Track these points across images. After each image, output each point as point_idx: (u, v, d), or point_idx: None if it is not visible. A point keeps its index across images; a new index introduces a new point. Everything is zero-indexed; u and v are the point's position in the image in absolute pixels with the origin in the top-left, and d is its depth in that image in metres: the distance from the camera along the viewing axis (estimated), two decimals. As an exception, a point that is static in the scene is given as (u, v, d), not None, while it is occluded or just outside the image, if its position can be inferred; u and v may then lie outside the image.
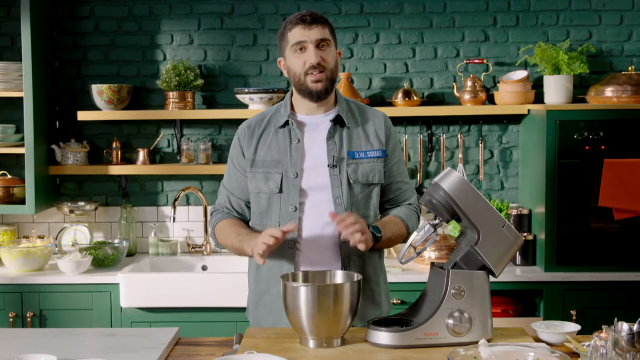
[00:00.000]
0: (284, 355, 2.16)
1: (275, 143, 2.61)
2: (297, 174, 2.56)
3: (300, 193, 2.56)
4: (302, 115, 2.63)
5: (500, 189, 4.33)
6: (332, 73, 2.56)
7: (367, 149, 2.62)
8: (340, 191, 2.56)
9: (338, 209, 2.55)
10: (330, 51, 2.56)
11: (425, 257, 3.94)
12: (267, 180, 2.59)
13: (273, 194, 2.58)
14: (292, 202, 2.56)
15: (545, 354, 2.00)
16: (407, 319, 2.35)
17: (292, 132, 2.60)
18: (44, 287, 3.80)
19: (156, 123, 4.36)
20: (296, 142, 2.59)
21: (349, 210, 2.55)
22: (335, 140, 2.59)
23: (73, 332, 2.59)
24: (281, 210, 2.58)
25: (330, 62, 2.55)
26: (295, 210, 2.56)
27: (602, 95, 3.90)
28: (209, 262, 4.20)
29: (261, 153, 2.62)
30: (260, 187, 2.60)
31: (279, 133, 2.62)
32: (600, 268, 3.76)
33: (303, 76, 2.54)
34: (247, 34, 4.33)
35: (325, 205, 2.56)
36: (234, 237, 2.59)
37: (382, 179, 2.63)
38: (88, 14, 4.34)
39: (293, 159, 2.58)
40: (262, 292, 2.65)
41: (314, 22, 2.53)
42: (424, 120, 4.29)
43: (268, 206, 2.60)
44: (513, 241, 2.33)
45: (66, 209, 4.25)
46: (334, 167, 2.56)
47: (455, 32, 4.29)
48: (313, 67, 2.52)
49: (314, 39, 2.52)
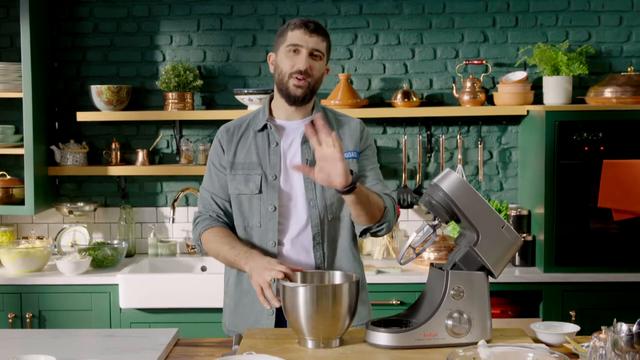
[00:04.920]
0: (283, 356, 2.16)
1: (255, 146, 2.66)
2: (276, 175, 2.62)
3: (279, 194, 2.61)
4: (280, 120, 2.68)
5: (499, 190, 4.33)
6: (315, 83, 2.62)
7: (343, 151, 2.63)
8: (314, 194, 2.61)
9: (312, 211, 2.60)
10: (320, 63, 2.61)
11: (424, 258, 3.94)
12: (247, 182, 2.64)
13: (253, 195, 2.63)
14: (271, 202, 2.61)
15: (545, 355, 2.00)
16: (406, 320, 2.35)
17: (271, 135, 2.65)
18: (43, 288, 3.80)
19: (155, 124, 4.36)
20: (274, 145, 2.64)
21: (322, 212, 2.60)
22: (309, 145, 2.61)
23: (72, 332, 2.59)
24: (261, 210, 2.62)
25: (316, 73, 2.60)
26: (274, 210, 2.61)
27: (601, 96, 3.90)
28: (208, 263, 4.20)
29: (240, 155, 2.67)
30: (240, 188, 2.65)
31: (258, 136, 2.67)
32: (600, 269, 3.77)
33: (287, 77, 2.58)
34: (246, 34, 4.33)
35: (301, 208, 2.61)
36: (227, 250, 2.58)
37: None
38: (87, 15, 4.34)
39: (272, 162, 2.63)
40: (242, 293, 2.67)
41: (315, 32, 2.58)
42: (423, 121, 4.29)
43: (249, 207, 2.64)
44: (512, 242, 2.33)
45: (65, 210, 4.25)
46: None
47: (454, 32, 4.30)
48: (299, 72, 2.56)
49: (310, 47, 2.57)
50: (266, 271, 2.38)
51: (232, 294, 2.71)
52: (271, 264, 2.40)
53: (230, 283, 2.72)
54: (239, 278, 2.68)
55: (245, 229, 2.65)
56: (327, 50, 2.64)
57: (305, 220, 2.61)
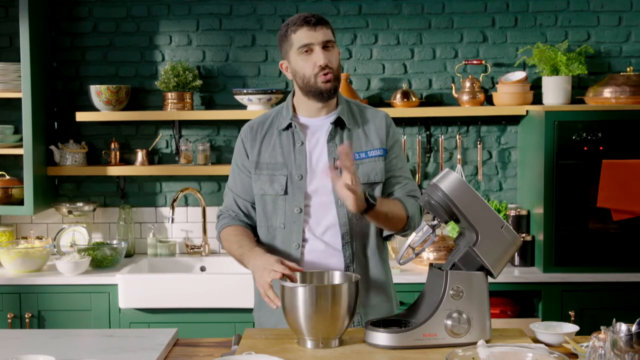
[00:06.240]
0: (282, 356, 2.16)
1: (279, 145, 2.62)
2: (302, 176, 2.58)
3: (304, 195, 2.57)
4: (304, 118, 2.64)
5: (498, 190, 4.33)
6: (338, 72, 2.59)
7: (368, 149, 2.62)
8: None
9: (340, 210, 2.56)
10: (335, 52, 2.58)
11: (423, 258, 3.94)
12: (272, 182, 2.60)
13: (278, 196, 2.59)
14: (297, 204, 2.57)
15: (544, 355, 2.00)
16: (405, 320, 2.35)
17: (296, 134, 2.61)
18: (43, 288, 3.80)
19: (155, 124, 4.36)
20: (300, 145, 2.60)
21: (350, 215, 2.56)
22: (336, 142, 2.59)
23: (71, 333, 2.59)
24: (286, 212, 2.59)
25: (335, 62, 2.57)
26: (300, 212, 2.57)
27: (600, 96, 3.90)
28: (208, 263, 4.20)
29: (265, 155, 2.63)
30: (265, 189, 2.61)
31: (282, 135, 2.63)
32: (599, 269, 3.77)
33: (313, 78, 2.54)
34: (245, 34, 4.33)
35: (329, 207, 2.57)
36: (235, 249, 2.58)
37: (383, 178, 2.63)
38: (86, 15, 4.33)
39: (297, 161, 2.59)
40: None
41: (318, 24, 2.54)
42: (423, 121, 4.29)
43: (273, 208, 2.61)
44: (511, 242, 2.33)
45: (64, 210, 4.24)
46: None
47: (453, 33, 4.30)
48: (322, 68, 2.53)
49: (321, 41, 2.53)
50: (265, 272, 2.37)
51: (257, 292, 2.68)
52: (270, 264, 2.38)
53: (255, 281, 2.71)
54: None
55: (269, 230, 2.62)
56: (334, 36, 2.60)
57: (333, 220, 2.57)
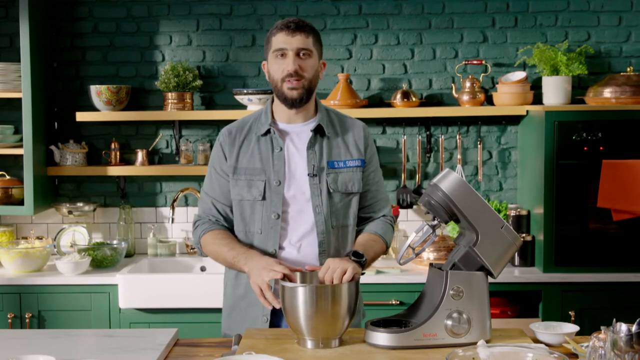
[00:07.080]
0: (282, 356, 2.16)
1: (258, 151, 2.62)
2: (280, 181, 2.59)
3: (282, 201, 2.58)
4: (283, 124, 2.65)
5: (498, 190, 4.33)
6: (310, 82, 2.57)
7: (347, 159, 2.65)
8: (320, 200, 2.59)
9: (318, 217, 2.58)
10: (310, 61, 2.56)
11: (423, 258, 3.94)
12: (250, 188, 2.60)
13: (256, 201, 2.60)
14: (274, 210, 2.58)
15: (544, 355, 2.00)
16: (405, 320, 2.35)
17: (274, 140, 2.62)
18: (43, 288, 3.80)
19: (155, 124, 4.36)
20: (278, 151, 2.61)
21: (328, 219, 2.58)
22: (315, 150, 2.61)
23: (71, 333, 2.59)
24: (263, 217, 2.60)
25: (308, 71, 2.56)
26: (277, 218, 2.58)
27: (600, 96, 3.90)
28: (208, 263, 4.19)
29: (243, 160, 2.63)
30: (242, 194, 2.62)
31: (261, 141, 2.64)
32: (599, 269, 3.77)
33: (280, 82, 2.56)
34: (245, 34, 4.33)
35: (306, 215, 2.59)
36: (226, 252, 2.57)
37: (361, 188, 2.66)
38: (86, 15, 4.33)
39: (276, 167, 2.60)
40: (239, 297, 2.66)
41: (297, 30, 2.54)
42: (423, 121, 4.29)
43: (251, 213, 2.62)
44: (512, 242, 2.33)
45: (65, 210, 4.24)
46: (314, 176, 2.59)
47: (453, 33, 4.30)
48: (290, 75, 2.53)
49: (295, 47, 2.53)
50: (264, 271, 2.37)
51: (230, 297, 2.70)
52: (270, 264, 2.39)
53: (228, 286, 2.71)
54: (236, 282, 2.67)
55: (247, 235, 2.63)
56: (316, 45, 2.58)
57: (310, 227, 2.59)
